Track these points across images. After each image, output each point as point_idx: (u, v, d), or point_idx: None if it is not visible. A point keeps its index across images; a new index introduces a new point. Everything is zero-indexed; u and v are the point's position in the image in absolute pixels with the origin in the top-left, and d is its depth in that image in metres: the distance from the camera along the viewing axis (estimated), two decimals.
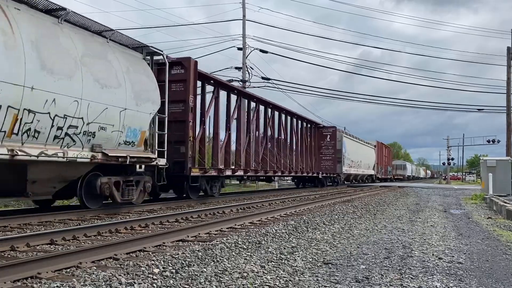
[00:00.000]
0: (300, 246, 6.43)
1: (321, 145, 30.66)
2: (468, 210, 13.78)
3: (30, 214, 9.35)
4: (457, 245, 6.91)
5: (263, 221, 9.51)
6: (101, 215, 10.13)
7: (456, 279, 4.74)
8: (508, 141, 27.40)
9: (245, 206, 12.96)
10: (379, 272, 4.97)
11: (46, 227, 8.12)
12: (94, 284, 4.08)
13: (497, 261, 5.80)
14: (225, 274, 4.65)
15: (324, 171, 30.16)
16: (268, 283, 4.39)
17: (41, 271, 4.45)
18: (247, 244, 6.39)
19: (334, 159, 30.59)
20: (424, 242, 7.13)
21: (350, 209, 12.49)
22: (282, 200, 16.20)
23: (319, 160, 30.27)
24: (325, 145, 30.73)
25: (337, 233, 7.87)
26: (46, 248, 6.05)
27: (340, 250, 6.28)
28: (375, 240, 7.29)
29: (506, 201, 13.57)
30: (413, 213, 12.24)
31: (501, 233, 8.41)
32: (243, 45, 29.28)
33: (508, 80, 27.94)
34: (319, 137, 30.62)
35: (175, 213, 10.05)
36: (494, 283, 4.64)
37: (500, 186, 19.61)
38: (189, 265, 4.97)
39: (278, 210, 11.37)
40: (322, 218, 9.86)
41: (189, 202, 13.92)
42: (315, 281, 4.53)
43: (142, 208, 11.71)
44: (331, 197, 18.05)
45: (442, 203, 16.74)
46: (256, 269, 4.91)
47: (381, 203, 15.38)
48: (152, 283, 4.17)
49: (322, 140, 30.78)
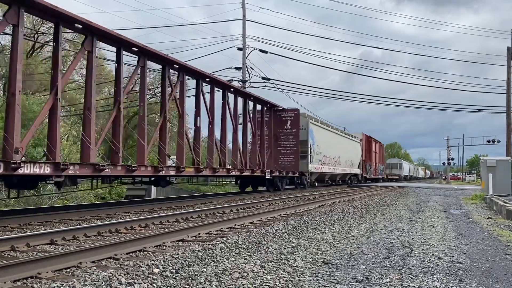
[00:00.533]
0: (300, 246, 6.43)
1: (279, 134, 23.03)
2: (468, 210, 13.78)
3: (30, 214, 9.36)
4: (457, 245, 6.91)
5: (263, 221, 9.51)
6: (101, 215, 10.14)
7: (456, 279, 4.73)
8: (508, 141, 27.40)
9: (245, 206, 12.96)
10: (379, 272, 4.96)
11: (46, 227, 8.12)
12: (94, 284, 4.08)
13: (497, 261, 5.80)
14: (225, 274, 4.65)
15: (283, 169, 22.50)
16: (268, 283, 4.39)
17: (41, 271, 4.45)
18: (247, 244, 6.39)
19: (296, 153, 23.05)
20: (424, 242, 7.13)
21: (350, 209, 12.49)
22: (282, 200, 16.21)
23: (275, 155, 22.63)
24: (284, 134, 23.11)
25: (337, 233, 7.87)
26: (46, 248, 6.05)
27: (340, 250, 6.27)
28: (375, 240, 7.29)
29: (506, 201, 13.57)
30: (413, 213, 12.24)
31: (501, 233, 8.41)
32: (243, 45, 29.29)
33: (508, 80, 27.95)
34: (276, 124, 22.88)
35: (175, 213, 10.05)
36: (494, 283, 4.64)
37: (500, 186, 19.61)
38: (189, 265, 4.97)
39: (278, 210, 11.37)
40: (322, 218, 9.85)
41: (189, 202, 13.91)
42: (315, 281, 4.53)
43: (142, 208, 11.72)
44: (331, 197, 18.07)
45: (442, 203, 16.73)
46: (256, 269, 4.91)
47: (381, 203, 15.38)
48: (152, 283, 4.17)
49: (281, 127, 23.11)
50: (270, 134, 22.33)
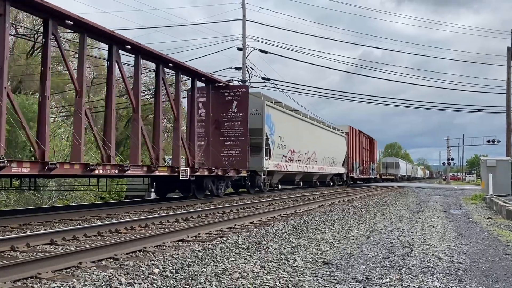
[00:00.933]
0: (300, 246, 6.43)
1: (221, 119, 17.00)
2: (468, 210, 13.78)
3: (30, 214, 9.36)
4: (457, 245, 6.91)
5: (263, 221, 9.51)
6: (101, 215, 10.14)
7: (456, 279, 4.73)
8: (508, 141, 27.40)
9: (245, 206, 12.96)
10: (379, 272, 4.96)
11: (46, 227, 8.12)
12: (94, 284, 4.08)
13: (497, 261, 5.80)
14: (225, 274, 4.65)
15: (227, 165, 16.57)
16: (268, 283, 4.39)
17: (41, 271, 4.45)
18: (247, 244, 6.39)
19: (244, 145, 16.84)
20: (424, 242, 7.13)
21: (350, 209, 12.49)
22: (282, 200, 16.21)
23: (216, 147, 16.62)
24: (228, 120, 17.04)
25: (337, 233, 7.87)
26: (46, 248, 6.05)
27: (340, 250, 6.28)
28: (375, 240, 7.29)
29: (506, 201, 13.57)
30: (413, 213, 12.24)
31: (501, 233, 8.41)
32: (243, 45, 29.28)
33: (508, 80, 27.95)
34: (218, 105, 16.81)
35: (175, 213, 10.05)
36: (494, 283, 4.64)
37: (500, 186, 19.62)
38: (189, 265, 4.97)
39: (278, 210, 11.37)
40: (322, 218, 9.85)
41: (189, 202, 13.91)
42: (315, 281, 4.53)
43: (142, 208, 11.72)
44: (331, 197, 18.07)
45: (442, 203, 16.74)
46: (256, 269, 4.91)
47: (381, 203, 15.39)
48: (152, 283, 4.17)
49: (224, 110, 16.99)
50: (207, 119, 16.42)
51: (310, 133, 25.43)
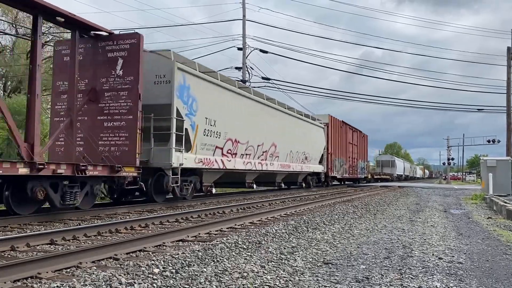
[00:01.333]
0: (300, 246, 6.43)
1: (101, 87, 11.03)
2: (468, 210, 13.78)
3: (30, 214, 9.35)
4: (457, 245, 6.90)
5: (263, 221, 9.51)
6: (101, 215, 10.14)
7: (456, 279, 4.73)
8: (508, 141, 27.40)
9: (245, 206, 12.96)
10: (379, 272, 4.96)
11: (46, 227, 8.12)
12: (94, 284, 4.07)
13: (497, 261, 5.80)
14: (225, 274, 4.65)
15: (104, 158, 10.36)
16: (268, 283, 4.38)
17: (41, 271, 4.45)
18: (247, 244, 6.39)
19: (133, 126, 10.62)
20: (424, 242, 7.13)
21: (350, 209, 12.49)
22: (282, 200, 16.21)
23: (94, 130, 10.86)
24: (110, 88, 10.93)
25: (337, 233, 7.87)
26: (46, 248, 6.05)
27: (340, 250, 6.27)
28: (375, 240, 7.28)
29: (506, 201, 13.57)
30: (413, 213, 12.24)
31: (501, 233, 8.41)
32: (243, 45, 29.27)
33: (508, 80, 27.94)
34: (98, 65, 11.09)
35: (175, 213, 10.05)
36: (494, 283, 4.64)
37: (500, 186, 19.62)
38: (189, 265, 4.97)
39: (278, 210, 11.37)
40: (322, 218, 9.86)
41: (189, 202, 13.91)
42: (315, 281, 4.53)
43: (142, 208, 11.72)
44: (331, 197, 18.07)
45: (442, 203, 16.74)
46: (256, 269, 4.91)
47: (381, 203, 15.39)
48: (152, 283, 4.16)
49: (106, 73, 10.99)
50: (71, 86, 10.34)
51: (268, 119, 18.75)
